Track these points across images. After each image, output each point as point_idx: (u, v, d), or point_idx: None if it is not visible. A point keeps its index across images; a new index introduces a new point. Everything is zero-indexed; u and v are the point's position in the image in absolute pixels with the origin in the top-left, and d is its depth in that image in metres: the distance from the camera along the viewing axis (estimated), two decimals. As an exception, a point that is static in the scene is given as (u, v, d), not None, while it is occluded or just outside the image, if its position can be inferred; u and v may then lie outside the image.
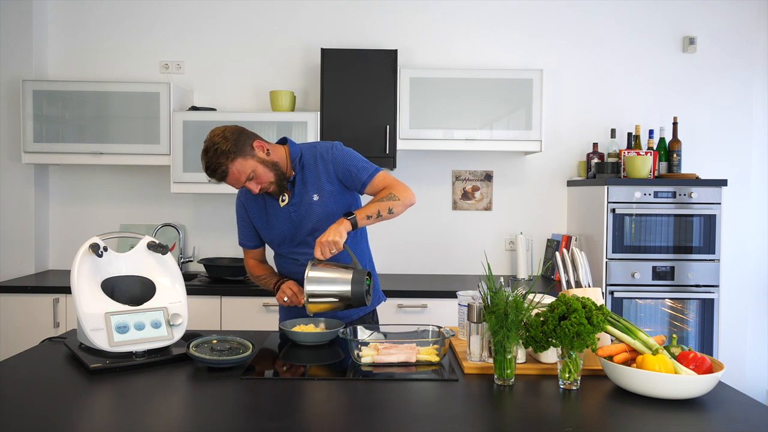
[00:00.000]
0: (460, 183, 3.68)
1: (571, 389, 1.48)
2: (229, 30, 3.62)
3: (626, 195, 3.12)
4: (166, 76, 3.61)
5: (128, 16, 3.61)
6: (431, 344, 1.72)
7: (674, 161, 3.40)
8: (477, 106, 3.31)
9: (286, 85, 3.61)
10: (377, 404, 1.41)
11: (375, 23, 3.62)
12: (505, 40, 3.64)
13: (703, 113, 3.65)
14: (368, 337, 1.81)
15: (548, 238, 3.67)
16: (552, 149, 3.64)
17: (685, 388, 1.37)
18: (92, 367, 1.57)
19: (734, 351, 3.57)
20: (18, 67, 3.44)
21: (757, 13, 3.64)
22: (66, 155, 3.30)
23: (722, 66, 3.65)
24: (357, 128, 3.28)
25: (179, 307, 1.79)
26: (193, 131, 3.27)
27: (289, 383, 1.54)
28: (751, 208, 3.67)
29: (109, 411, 1.39)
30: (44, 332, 2.87)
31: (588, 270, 1.80)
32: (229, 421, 1.29)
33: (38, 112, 3.28)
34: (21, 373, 1.60)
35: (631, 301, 3.15)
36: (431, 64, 3.61)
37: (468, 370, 1.61)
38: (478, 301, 1.63)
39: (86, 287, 1.69)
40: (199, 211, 3.65)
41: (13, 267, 3.47)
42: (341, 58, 3.28)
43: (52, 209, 3.64)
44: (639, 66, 3.64)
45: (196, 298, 3.01)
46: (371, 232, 3.65)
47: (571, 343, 1.43)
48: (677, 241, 3.12)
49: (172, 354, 1.69)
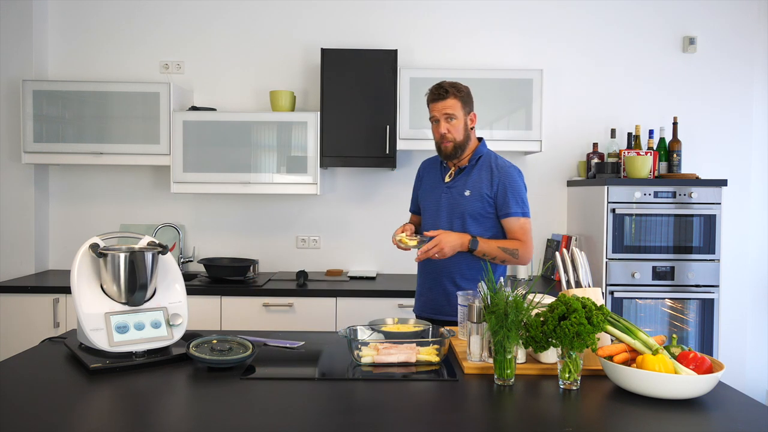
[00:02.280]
0: (460, 183, 3.67)
1: (571, 389, 1.48)
2: (229, 30, 3.62)
3: (626, 195, 3.12)
4: (166, 76, 3.61)
5: (128, 16, 3.61)
6: (431, 344, 1.72)
7: (674, 161, 3.40)
8: (477, 106, 3.29)
9: (286, 85, 3.61)
10: (377, 404, 1.41)
11: (375, 23, 3.62)
12: (505, 40, 3.64)
13: (703, 113, 3.65)
14: (368, 337, 1.81)
15: (548, 238, 3.67)
16: (552, 149, 3.63)
17: (685, 388, 1.37)
18: (92, 367, 1.57)
19: (734, 351, 3.57)
20: (18, 67, 3.44)
21: (757, 13, 3.64)
22: (66, 155, 3.30)
23: (722, 66, 3.65)
24: (357, 128, 3.28)
25: (179, 307, 1.79)
26: (193, 131, 3.27)
27: (289, 383, 1.54)
28: (751, 208, 3.67)
29: (109, 411, 1.39)
30: (44, 332, 2.87)
31: (588, 270, 1.80)
32: (229, 421, 1.29)
33: (38, 112, 3.28)
34: (21, 373, 1.60)
35: (631, 301, 3.14)
36: (431, 64, 3.60)
37: (468, 370, 1.61)
38: (478, 301, 1.63)
39: (86, 287, 1.70)
40: (199, 211, 3.65)
41: (13, 267, 3.47)
42: (341, 58, 3.28)
43: (52, 209, 3.64)
44: (639, 66, 3.64)
45: (196, 298, 3.00)
46: (372, 232, 3.67)
47: (571, 343, 1.43)
48: (677, 241, 3.12)
49: (172, 354, 1.70)
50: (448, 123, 2.18)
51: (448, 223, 2.23)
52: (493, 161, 2.25)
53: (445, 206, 2.24)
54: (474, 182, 2.22)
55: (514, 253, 2.16)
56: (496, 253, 2.14)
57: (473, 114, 2.25)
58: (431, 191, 2.32)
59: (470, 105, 2.24)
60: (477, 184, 2.21)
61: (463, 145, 2.22)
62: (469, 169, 2.25)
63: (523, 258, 2.18)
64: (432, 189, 2.32)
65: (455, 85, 2.21)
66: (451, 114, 2.18)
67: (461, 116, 2.20)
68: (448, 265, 2.20)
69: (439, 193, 2.28)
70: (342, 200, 3.66)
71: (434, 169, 2.36)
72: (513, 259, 2.17)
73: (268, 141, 3.28)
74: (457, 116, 2.19)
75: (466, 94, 2.22)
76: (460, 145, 2.21)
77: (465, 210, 2.20)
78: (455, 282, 2.21)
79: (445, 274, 2.23)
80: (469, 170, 2.25)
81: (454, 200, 2.23)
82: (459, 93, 2.19)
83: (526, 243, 2.19)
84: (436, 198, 2.29)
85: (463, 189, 2.22)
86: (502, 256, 2.15)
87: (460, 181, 2.25)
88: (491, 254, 2.14)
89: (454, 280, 2.21)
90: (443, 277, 2.23)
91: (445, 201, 2.25)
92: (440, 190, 2.28)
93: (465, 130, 2.22)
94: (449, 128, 2.18)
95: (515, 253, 2.16)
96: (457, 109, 2.18)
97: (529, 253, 2.19)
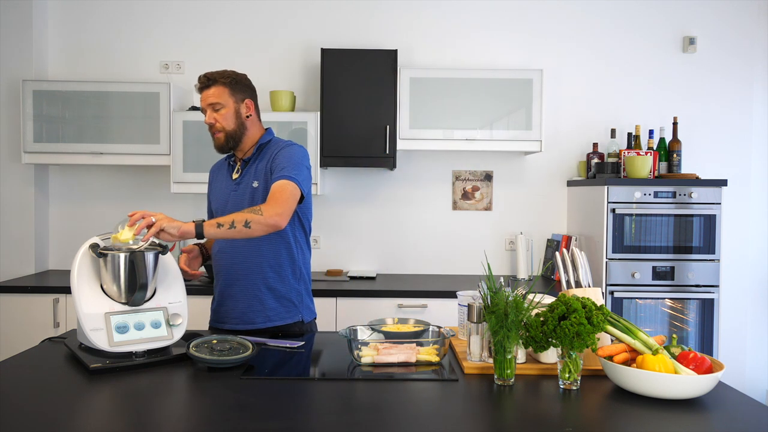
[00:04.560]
0: (460, 183, 3.68)
1: (571, 389, 1.48)
2: (229, 30, 3.62)
3: (626, 195, 3.12)
4: (166, 76, 3.61)
5: (128, 16, 3.61)
6: (431, 344, 1.72)
7: (674, 161, 3.40)
8: (477, 106, 3.31)
9: (286, 85, 3.61)
10: (377, 404, 1.41)
11: (375, 23, 3.62)
12: (505, 40, 3.64)
13: (703, 113, 3.65)
14: (368, 337, 1.81)
15: (548, 238, 3.67)
16: (552, 149, 3.64)
17: (685, 388, 1.37)
18: (92, 367, 1.57)
19: (734, 351, 3.57)
20: (18, 67, 3.44)
21: (757, 13, 3.64)
22: (66, 155, 3.30)
23: (722, 66, 3.65)
24: (357, 128, 3.28)
25: (179, 307, 1.79)
26: (193, 131, 3.27)
27: (289, 383, 1.54)
28: (751, 208, 3.67)
29: (109, 411, 1.39)
30: (44, 332, 2.87)
31: (588, 270, 1.80)
32: (229, 421, 1.29)
33: (38, 112, 3.28)
34: (21, 373, 1.60)
35: (631, 301, 3.15)
36: (431, 64, 3.61)
37: (468, 370, 1.61)
38: (478, 301, 1.63)
39: (86, 287, 1.69)
40: (199, 211, 3.65)
41: (13, 267, 3.47)
42: (341, 58, 3.28)
43: (52, 209, 3.64)
44: (639, 66, 3.64)
45: (196, 298, 3.00)
46: (372, 232, 3.68)
47: (571, 343, 1.43)
48: (677, 241, 3.12)
49: (172, 354, 1.69)
50: (215, 112, 2.04)
51: None
52: (275, 144, 2.09)
53: (233, 204, 2.07)
54: (259, 172, 2.06)
55: (254, 210, 1.82)
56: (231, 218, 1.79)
57: (249, 101, 2.09)
58: (220, 193, 2.15)
59: (244, 92, 2.08)
60: (262, 171, 2.05)
61: (237, 135, 2.06)
62: (254, 159, 2.09)
63: (269, 213, 1.82)
64: (221, 190, 2.15)
65: (224, 72, 2.06)
66: (217, 102, 2.03)
67: (230, 104, 2.04)
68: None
69: (228, 192, 2.11)
70: (342, 200, 3.66)
71: (222, 170, 2.20)
72: (257, 218, 1.80)
73: (268, 141, 3.28)
74: (225, 104, 2.03)
75: (235, 81, 2.06)
76: (232, 134, 2.05)
77: (255, 203, 2.02)
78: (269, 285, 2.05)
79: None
80: (254, 161, 2.09)
81: (242, 195, 2.06)
82: (225, 79, 2.04)
83: (276, 200, 1.87)
84: (224, 198, 2.12)
85: (251, 181, 2.06)
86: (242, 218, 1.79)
87: (247, 174, 2.08)
88: (227, 221, 1.78)
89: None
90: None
91: (232, 198, 2.08)
92: (229, 189, 2.11)
93: (237, 118, 2.05)
94: (216, 117, 2.03)
95: (256, 210, 1.82)
96: (224, 97, 2.03)
97: (275, 206, 1.84)
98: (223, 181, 2.16)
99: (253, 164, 2.09)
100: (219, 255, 2.12)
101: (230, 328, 2.07)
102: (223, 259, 2.10)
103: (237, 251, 2.07)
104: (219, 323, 2.12)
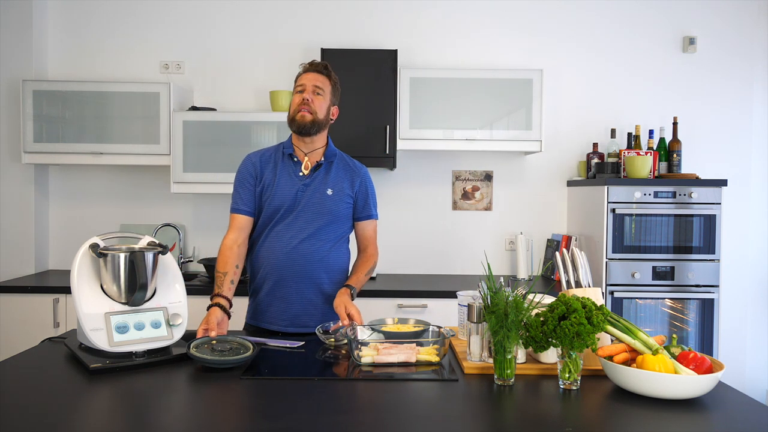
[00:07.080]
0: (460, 183, 3.68)
1: (571, 389, 1.48)
2: (229, 30, 3.62)
3: (626, 195, 3.12)
4: (166, 76, 3.61)
5: (128, 16, 3.61)
6: (431, 344, 1.72)
7: (674, 161, 3.40)
8: (477, 106, 3.31)
9: (286, 85, 3.61)
10: (377, 404, 1.41)
11: (375, 23, 3.61)
12: (505, 40, 3.64)
13: (703, 113, 3.65)
14: (368, 337, 1.81)
15: (548, 238, 3.67)
16: (552, 149, 3.64)
17: (685, 388, 1.37)
18: (92, 367, 1.57)
19: (734, 351, 3.57)
20: (18, 67, 3.44)
21: (757, 13, 3.64)
22: (66, 155, 3.30)
23: (722, 66, 3.65)
24: (357, 128, 3.28)
25: (179, 307, 1.79)
26: (193, 131, 3.27)
27: (289, 383, 1.53)
28: (751, 208, 3.67)
29: (109, 411, 1.39)
30: (44, 332, 2.87)
31: (588, 270, 1.80)
32: (229, 421, 1.29)
33: (38, 112, 3.28)
34: (21, 373, 1.60)
35: (631, 301, 3.14)
36: (431, 64, 3.61)
37: (468, 370, 1.61)
38: (478, 301, 1.63)
39: (86, 287, 1.69)
40: (199, 211, 3.65)
41: (13, 267, 3.47)
42: (341, 58, 3.28)
43: (52, 209, 3.64)
44: (639, 66, 3.64)
45: (196, 298, 3.00)
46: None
47: (571, 343, 1.43)
48: (677, 241, 3.12)
49: (172, 354, 1.69)
50: (314, 95, 2.03)
51: (308, 224, 2.04)
52: (348, 160, 2.18)
53: (305, 203, 2.04)
54: (336, 181, 2.09)
55: (374, 265, 2.17)
56: (366, 278, 2.12)
57: (336, 108, 2.14)
58: (286, 185, 2.06)
59: (338, 96, 2.15)
60: (339, 183, 2.09)
61: (320, 126, 2.05)
62: (327, 165, 2.10)
63: (377, 260, 2.19)
64: (287, 183, 2.06)
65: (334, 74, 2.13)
66: (321, 88, 2.05)
67: (328, 99, 2.08)
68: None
69: (296, 187, 2.05)
70: (342, 200, 3.66)
71: (277, 163, 2.10)
72: (374, 265, 2.17)
73: (268, 141, 3.28)
74: (325, 96, 2.06)
75: (337, 86, 2.14)
76: (318, 122, 2.03)
77: (330, 208, 2.06)
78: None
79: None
80: (327, 166, 2.10)
81: (312, 196, 2.05)
82: (334, 79, 2.11)
83: (376, 246, 2.20)
84: (292, 193, 2.05)
85: (324, 187, 2.07)
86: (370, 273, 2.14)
87: (318, 177, 2.08)
88: (364, 281, 2.11)
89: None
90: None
91: (304, 197, 2.05)
92: (297, 185, 2.06)
93: (327, 112, 2.08)
94: (315, 99, 2.03)
95: (374, 265, 2.17)
96: (327, 89, 2.07)
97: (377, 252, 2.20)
98: (288, 175, 2.07)
99: (325, 170, 2.10)
100: (266, 253, 2.07)
101: (279, 329, 2.07)
102: (274, 258, 2.05)
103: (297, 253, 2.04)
104: (267, 323, 2.09)
